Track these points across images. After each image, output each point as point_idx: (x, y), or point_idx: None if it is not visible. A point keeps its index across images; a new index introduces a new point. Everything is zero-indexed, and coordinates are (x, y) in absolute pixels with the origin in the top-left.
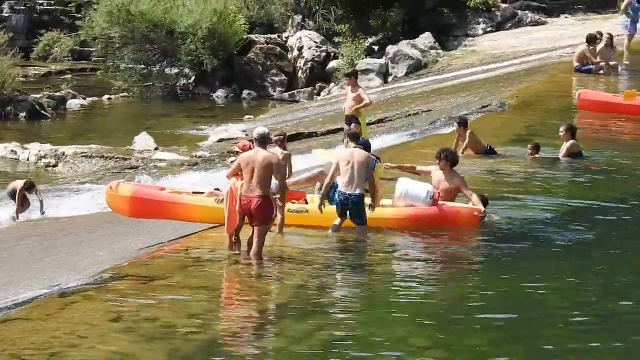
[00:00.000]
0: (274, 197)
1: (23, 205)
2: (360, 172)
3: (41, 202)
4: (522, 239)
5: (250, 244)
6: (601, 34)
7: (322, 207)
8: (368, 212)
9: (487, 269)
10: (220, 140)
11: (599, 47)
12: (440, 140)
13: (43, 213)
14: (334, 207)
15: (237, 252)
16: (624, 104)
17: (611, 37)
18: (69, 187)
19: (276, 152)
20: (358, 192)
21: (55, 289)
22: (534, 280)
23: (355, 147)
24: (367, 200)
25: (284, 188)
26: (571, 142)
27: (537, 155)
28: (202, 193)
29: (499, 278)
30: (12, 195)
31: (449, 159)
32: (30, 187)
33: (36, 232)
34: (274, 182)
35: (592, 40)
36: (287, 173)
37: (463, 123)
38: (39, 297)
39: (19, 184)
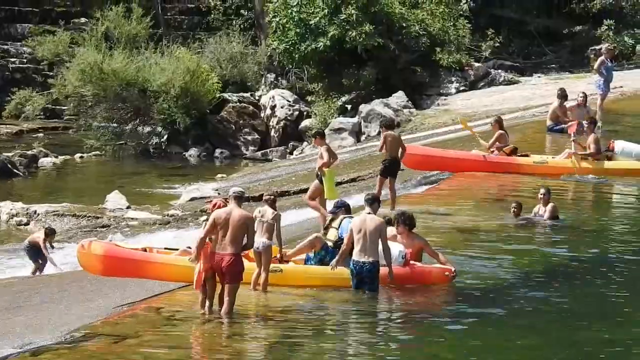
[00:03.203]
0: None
1: (41, 259)
2: (372, 239)
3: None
4: (492, 298)
5: (220, 302)
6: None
7: (334, 268)
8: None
9: (458, 329)
10: (193, 199)
11: (569, 104)
12: (413, 200)
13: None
14: (307, 267)
15: (207, 312)
16: (448, 158)
17: (585, 97)
18: None
19: (267, 211)
20: (371, 259)
21: (26, 348)
22: (502, 341)
23: (368, 213)
24: None
25: (270, 247)
26: (552, 204)
27: (521, 215)
28: (173, 249)
29: (469, 339)
30: (30, 249)
31: (406, 223)
32: (51, 232)
33: (7, 291)
34: (261, 239)
35: (563, 97)
36: (276, 233)
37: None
38: (10, 356)
39: (39, 236)
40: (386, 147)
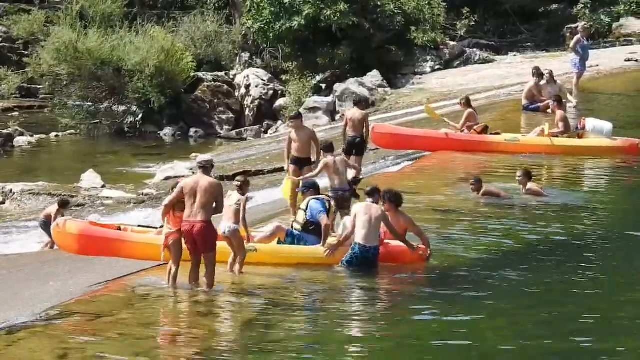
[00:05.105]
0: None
1: None
2: (376, 225)
3: None
4: (466, 279)
5: (192, 278)
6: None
7: (330, 254)
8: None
9: (431, 307)
10: (167, 178)
11: (541, 82)
12: (387, 179)
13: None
14: (281, 246)
15: (170, 282)
16: (419, 137)
17: (550, 73)
18: (16, 225)
19: (233, 195)
20: (375, 244)
21: (1, 326)
22: (475, 319)
23: (372, 202)
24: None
25: (237, 231)
26: (531, 183)
27: (483, 189)
28: (148, 227)
29: (443, 317)
30: (45, 223)
31: (392, 201)
32: (64, 204)
33: None
34: (227, 224)
35: (539, 75)
36: (241, 218)
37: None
38: None
39: (52, 208)
40: (352, 126)
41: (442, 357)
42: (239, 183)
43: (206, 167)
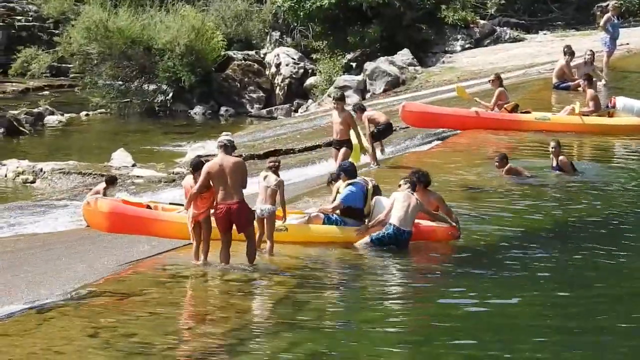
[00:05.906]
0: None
1: None
2: (413, 212)
3: None
4: (496, 257)
5: (223, 257)
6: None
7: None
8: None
9: (461, 286)
10: (198, 157)
11: (576, 62)
12: (418, 157)
13: None
14: (311, 225)
15: (201, 261)
16: (449, 115)
17: (592, 54)
18: (46, 203)
19: (270, 177)
20: (409, 229)
21: (32, 305)
22: (505, 298)
23: (413, 194)
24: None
25: (274, 213)
26: (562, 157)
27: (507, 167)
28: (178, 204)
29: (473, 295)
30: None
31: (421, 180)
32: (112, 181)
33: (13, 248)
34: (265, 206)
35: (570, 54)
36: (280, 199)
37: (359, 109)
38: (16, 313)
39: (99, 186)
40: (374, 121)
41: (474, 336)
42: (277, 164)
43: (227, 146)
